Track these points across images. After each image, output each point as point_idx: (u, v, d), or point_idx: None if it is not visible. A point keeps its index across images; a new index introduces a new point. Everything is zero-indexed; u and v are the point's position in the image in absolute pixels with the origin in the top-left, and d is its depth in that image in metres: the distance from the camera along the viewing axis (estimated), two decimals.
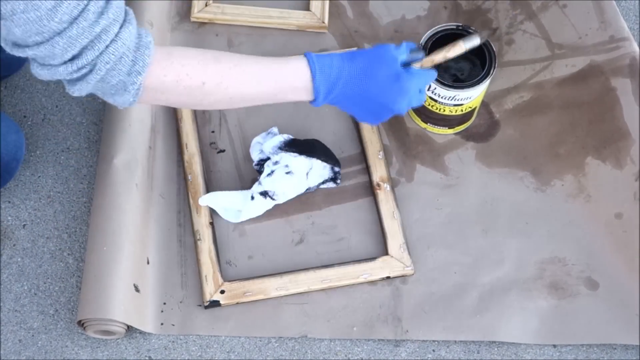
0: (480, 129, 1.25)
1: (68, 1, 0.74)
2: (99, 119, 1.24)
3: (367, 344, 1.09)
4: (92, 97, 1.25)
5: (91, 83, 0.81)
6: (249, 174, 1.20)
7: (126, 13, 0.82)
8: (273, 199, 1.14)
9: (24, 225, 1.16)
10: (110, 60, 0.79)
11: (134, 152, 1.14)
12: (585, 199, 1.19)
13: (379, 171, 1.18)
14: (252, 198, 1.13)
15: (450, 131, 1.23)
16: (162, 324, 1.09)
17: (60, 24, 0.75)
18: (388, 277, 1.11)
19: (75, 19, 0.75)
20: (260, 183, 1.14)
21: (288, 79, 0.91)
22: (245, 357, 1.08)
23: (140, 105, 1.17)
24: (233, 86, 0.89)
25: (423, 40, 1.16)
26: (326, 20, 1.31)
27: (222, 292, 1.09)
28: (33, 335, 1.09)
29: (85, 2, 0.76)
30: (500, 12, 1.32)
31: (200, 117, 1.23)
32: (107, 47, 0.79)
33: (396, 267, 1.11)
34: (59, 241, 1.15)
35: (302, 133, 1.23)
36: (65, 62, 0.78)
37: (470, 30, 1.17)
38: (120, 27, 0.80)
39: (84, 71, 0.79)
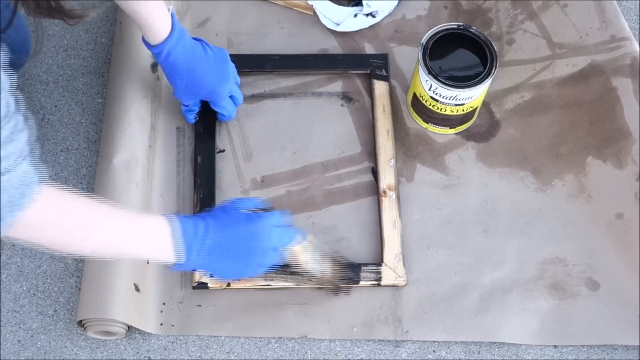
0: (480, 128, 1.25)
1: None
2: (98, 118, 1.24)
3: (367, 344, 1.09)
4: (91, 96, 1.26)
5: None
6: (249, 174, 1.20)
7: (31, 147, 0.78)
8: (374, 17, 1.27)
9: None
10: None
11: (134, 151, 1.14)
12: (586, 199, 1.18)
13: (387, 179, 1.17)
14: (355, 16, 1.22)
15: (451, 131, 1.23)
16: (161, 324, 1.08)
17: None
18: (379, 285, 1.11)
19: None
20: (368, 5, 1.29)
21: (157, 241, 0.91)
22: (244, 357, 1.08)
23: (140, 105, 1.17)
24: (99, 241, 0.88)
25: (424, 40, 1.16)
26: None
27: (212, 275, 1.09)
28: (32, 336, 1.09)
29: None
30: (501, 12, 1.32)
31: None
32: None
33: (389, 277, 1.11)
34: None
35: (302, 133, 1.23)
36: None
37: (471, 30, 1.17)
38: (22, 160, 0.77)
39: None
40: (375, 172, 1.19)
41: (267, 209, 1.03)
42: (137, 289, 1.06)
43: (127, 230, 0.89)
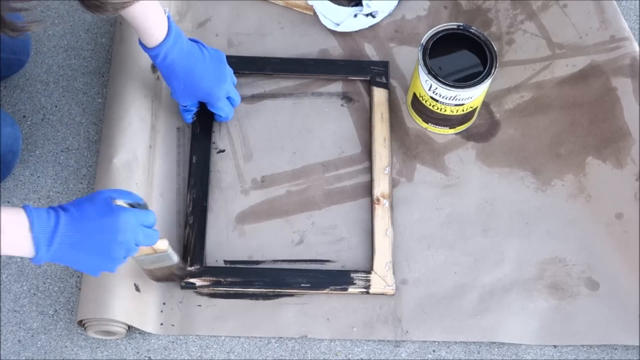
0: (480, 128, 1.25)
1: None
2: (98, 118, 1.24)
3: (367, 344, 1.09)
4: (91, 96, 1.26)
5: None
6: (248, 174, 1.20)
7: None
8: (374, 17, 1.26)
9: None
10: None
11: (134, 151, 1.14)
12: (585, 199, 1.18)
13: (381, 186, 1.17)
14: (355, 16, 1.22)
15: (451, 131, 1.23)
16: (161, 324, 1.08)
17: None
18: (367, 292, 1.10)
19: None
20: (368, 6, 1.29)
21: (7, 233, 0.84)
22: (244, 357, 1.08)
23: (140, 105, 1.17)
24: None
25: (424, 40, 1.16)
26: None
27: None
28: (32, 336, 1.09)
29: None
30: (501, 12, 1.32)
31: None
32: None
33: (378, 285, 1.10)
34: None
35: (302, 133, 1.23)
36: None
37: (471, 30, 1.17)
38: None
39: None
40: (371, 180, 1.19)
41: (141, 205, 0.96)
42: (137, 289, 1.06)
43: None
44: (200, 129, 1.21)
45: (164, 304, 1.09)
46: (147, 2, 1.03)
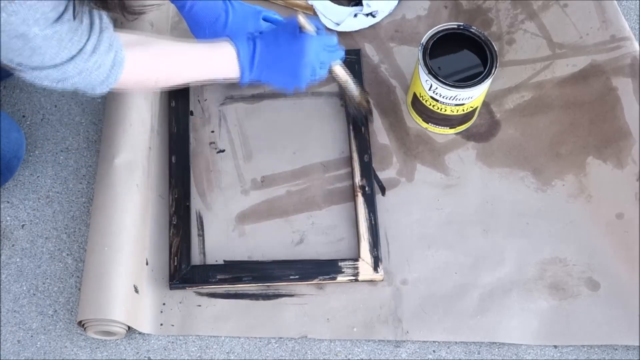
0: (480, 128, 1.24)
1: (69, 48, 0.86)
2: (98, 119, 1.24)
3: (367, 344, 1.09)
4: (91, 97, 1.25)
5: (76, 86, 0.92)
6: (249, 174, 1.20)
7: (111, 38, 0.91)
8: (374, 17, 1.29)
9: (23, 226, 1.16)
10: (89, 80, 0.91)
11: (135, 153, 1.14)
12: (586, 199, 1.18)
13: (358, 175, 1.18)
14: (355, 16, 1.23)
15: (452, 131, 1.23)
16: (161, 324, 1.08)
17: (59, 61, 0.86)
18: (356, 280, 1.11)
19: (73, 58, 0.87)
20: (368, 5, 1.31)
21: (219, 62, 1.05)
22: (244, 357, 1.08)
23: (141, 106, 1.17)
24: (179, 77, 1.05)
25: (424, 40, 1.16)
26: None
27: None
28: (32, 336, 1.09)
29: (83, 43, 0.87)
30: (501, 12, 1.32)
31: (200, 117, 1.23)
32: (90, 73, 0.90)
33: (366, 272, 1.11)
34: (58, 241, 1.15)
35: (302, 133, 1.23)
36: (54, 81, 0.89)
37: (471, 30, 1.17)
38: (105, 55, 0.91)
39: (65, 87, 0.91)
40: (351, 170, 1.19)
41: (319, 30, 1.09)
42: (136, 290, 1.06)
43: (200, 60, 1.04)
44: (178, 129, 1.21)
45: (164, 304, 1.09)
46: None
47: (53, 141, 1.22)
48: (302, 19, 1.06)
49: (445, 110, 1.18)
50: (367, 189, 1.16)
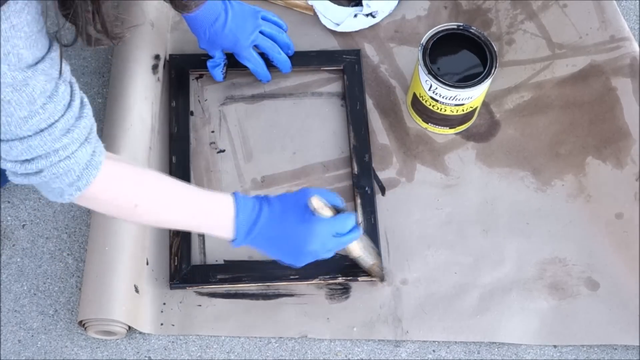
0: (480, 128, 1.25)
1: (40, 116, 0.76)
2: (98, 118, 1.22)
3: (367, 344, 1.09)
4: (91, 97, 1.25)
5: (33, 182, 0.82)
6: (249, 174, 1.20)
7: (89, 131, 0.82)
8: (374, 17, 1.28)
9: (24, 226, 1.16)
10: (57, 173, 0.81)
11: (135, 153, 1.14)
12: (585, 199, 1.18)
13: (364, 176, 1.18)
14: (355, 16, 1.22)
15: (451, 131, 1.23)
16: (162, 324, 1.08)
17: (26, 132, 0.77)
18: (356, 280, 1.10)
19: (41, 131, 0.77)
20: (368, 6, 1.30)
21: (214, 217, 0.94)
22: (245, 357, 1.08)
23: (141, 106, 1.17)
24: (162, 214, 0.93)
25: (424, 40, 1.16)
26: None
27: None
28: (33, 336, 1.09)
29: (56, 118, 0.78)
30: (501, 12, 1.32)
31: (200, 117, 1.23)
32: (59, 161, 0.80)
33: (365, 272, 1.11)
34: (59, 241, 1.15)
35: (302, 133, 1.23)
36: (15, 161, 0.80)
37: (471, 30, 1.17)
38: (79, 146, 0.81)
39: (30, 172, 0.80)
40: (351, 170, 1.19)
41: (338, 209, 0.99)
42: (136, 290, 1.06)
43: (189, 207, 0.93)
44: (178, 129, 1.21)
45: (164, 304, 1.09)
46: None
47: None
48: (315, 203, 0.95)
49: (445, 110, 1.18)
50: (367, 189, 1.16)
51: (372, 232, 1.13)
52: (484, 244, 1.16)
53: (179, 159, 1.18)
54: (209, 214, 0.94)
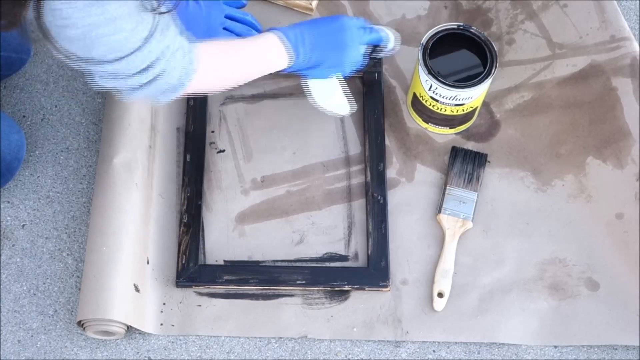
0: (480, 128, 1.25)
1: (143, 23, 0.85)
2: (98, 119, 1.24)
3: (367, 344, 1.09)
4: (91, 96, 1.26)
5: (149, 92, 0.92)
6: (249, 174, 1.20)
7: (176, 20, 0.92)
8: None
9: (23, 226, 1.16)
10: (174, 66, 0.91)
11: (134, 152, 1.14)
12: (586, 199, 1.18)
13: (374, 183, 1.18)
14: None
15: (452, 131, 1.23)
16: (161, 324, 1.08)
17: (138, 42, 0.86)
18: (363, 289, 1.11)
19: (151, 36, 0.86)
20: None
21: (269, 49, 1.06)
22: (244, 357, 1.08)
23: (139, 106, 1.17)
24: (242, 69, 1.05)
25: (424, 40, 1.16)
26: (314, 4, 1.32)
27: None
28: (32, 336, 1.09)
29: (157, 21, 0.87)
30: (501, 12, 1.32)
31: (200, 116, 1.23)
32: (173, 54, 0.90)
33: (375, 284, 1.11)
34: (58, 241, 1.15)
35: (302, 133, 1.23)
36: (134, 75, 0.89)
37: (471, 30, 1.17)
38: (178, 36, 0.91)
39: (150, 79, 0.90)
40: (364, 178, 1.19)
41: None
42: (136, 289, 1.06)
43: (256, 53, 1.05)
44: (194, 127, 1.21)
45: (164, 304, 1.09)
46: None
47: (53, 141, 1.22)
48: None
49: (445, 110, 1.18)
50: (379, 197, 1.16)
51: (382, 240, 1.13)
52: (483, 244, 1.15)
53: (193, 158, 1.18)
54: (266, 49, 1.05)
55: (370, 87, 1.25)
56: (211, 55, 0.98)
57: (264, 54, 1.05)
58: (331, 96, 1.14)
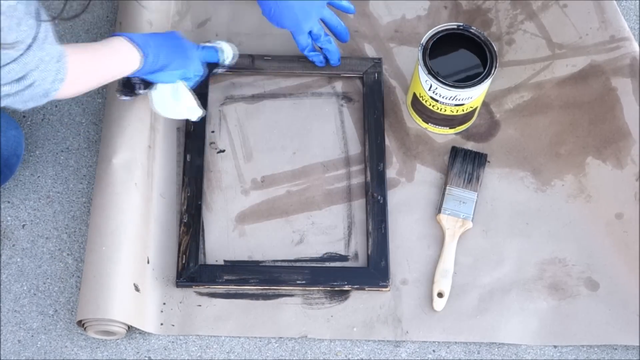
0: (480, 128, 1.25)
1: (26, 32, 0.84)
2: (98, 119, 1.24)
3: (367, 344, 1.09)
4: (91, 96, 1.26)
5: (21, 98, 0.90)
6: (249, 174, 1.20)
7: (53, 31, 0.90)
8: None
9: (24, 226, 1.16)
10: (45, 77, 0.90)
11: (134, 152, 1.14)
12: (585, 199, 1.18)
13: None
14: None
15: (451, 131, 1.23)
16: (161, 324, 1.08)
17: (18, 52, 0.85)
18: (363, 289, 1.11)
19: (29, 47, 0.85)
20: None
21: (125, 54, 1.05)
22: (245, 357, 1.08)
23: (139, 105, 1.17)
24: (103, 76, 1.05)
25: (424, 40, 1.16)
26: None
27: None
28: (32, 336, 1.09)
29: (37, 31, 0.85)
30: (501, 12, 1.32)
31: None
32: (46, 66, 0.89)
33: (375, 284, 1.11)
34: (59, 241, 1.15)
35: (302, 133, 1.23)
36: (10, 83, 0.87)
37: (471, 30, 1.17)
38: (53, 46, 0.90)
39: (21, 89, 0.89)
40: (364, 178, 1.19)
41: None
42: (136, 289, 1.06)
43: (113, 56, 1.04)
44: (194, 128, 1.21)
45: (164, 304, 1.09)
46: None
47: (53, 141, 1.22)
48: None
49: (445, 110, 1.18)
50: (379, 197, 1.16)
51: (382, 240, 1.13)
52: (483, 244, 1.16)
53: (193, 158, 1.18)
54: (118, 52, 1.04)
55: (370, 87, 1.25)
56: (77, 62, 0.97)
57: (120, 56, 1.05)
58: (180, 100, 1.13)
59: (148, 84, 1.12)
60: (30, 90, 0.89)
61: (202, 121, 1.21)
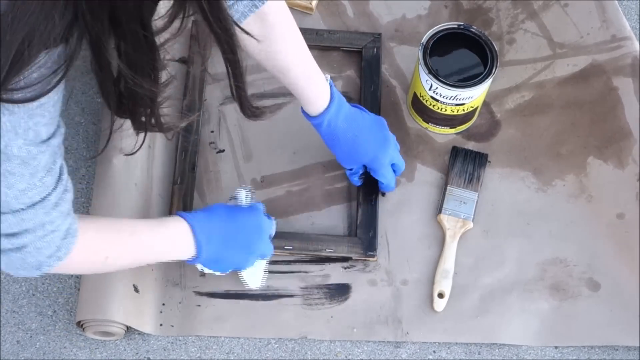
0: (481, 128, 1.24)
1: (37, 189, 0.75)
2: (97, 119, 1.24)
3: (367, 345, 1.09)
4: (90, 96, 1.25)
5: (10, 259, 0.79)
6: (248, 174, 1.19)
7: (71, 203, 0.83)
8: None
9: None
10: (40, 246, 0.79)
11: (133, 151, 1.13)
12: (586, 199, 1.18)
13: None
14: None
15: (452, 131, 1.23)
16: (161, 324, 1.08)
17: (20, 205, 0.75)
18: (350, 258, 1.12)
19: (34, 204, 0.76)
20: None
21: (173, 238, 0.98)
22: (244, 358, 1.08)
23: None
24: (130, 257, 0.95)
25: (424, 39, 1.16)
26: (314, 4, 1.31)
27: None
28: (31, 337, 1.09)
29: (49, 191, 0.77)
30: (502, 11, 1.32)
31: (200, 117, 1.23)
32: (45, 235, 0.79)
33: (359, 251, 1.12)
34: None
35: (302, 133, 1.22)
36: (3, 235, 0.77)
37: (472, 30, 1.17)
38: (63, 220, 0.81)
39: (12, 247, 0.78)
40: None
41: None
42: (136, 289, 1.05)
43: (154, 243, 0.96)
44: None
45: (163, 304, 1.09)
46: (309, 70, 1.02)
47: None
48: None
49: (446, 110, 1.17)
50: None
51: (372, 211, 1.15)
52: (484, 244, 1.15)
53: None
54: (170, 239, 0.97)
55: (368, 61, 1.26)
56: (98, 241, 0.88)
57: (169, 241, 0.97)
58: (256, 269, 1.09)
59: None
60: (21, 254, 0.78)
61: (202, 121, 1.21)
